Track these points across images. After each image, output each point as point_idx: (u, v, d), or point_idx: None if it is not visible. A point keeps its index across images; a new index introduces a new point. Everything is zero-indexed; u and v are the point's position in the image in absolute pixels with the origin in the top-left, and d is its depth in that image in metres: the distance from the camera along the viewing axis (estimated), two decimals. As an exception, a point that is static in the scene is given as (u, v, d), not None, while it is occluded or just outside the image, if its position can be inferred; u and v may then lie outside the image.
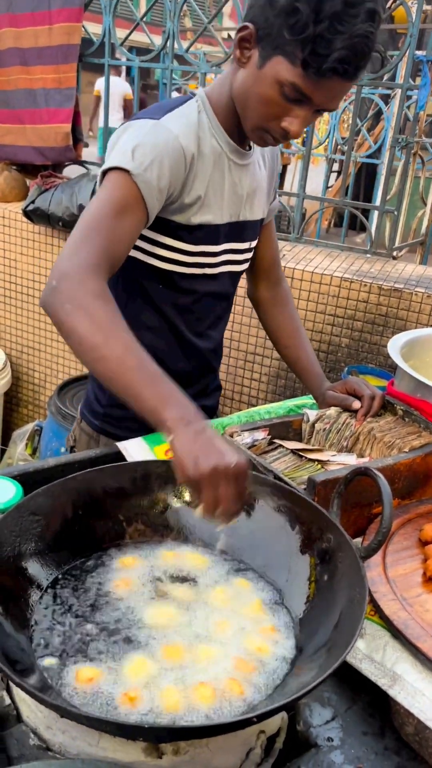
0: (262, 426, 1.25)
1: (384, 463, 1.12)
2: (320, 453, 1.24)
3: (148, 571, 0.92)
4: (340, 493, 0.95)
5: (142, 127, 1.12)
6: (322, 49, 0.97)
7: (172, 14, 2.15)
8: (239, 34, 1.07)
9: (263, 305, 1.55)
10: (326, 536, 0.90)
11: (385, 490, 0.85)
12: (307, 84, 1.02)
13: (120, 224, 1.05)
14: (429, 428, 1.26)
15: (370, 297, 1.97)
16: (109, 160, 1.10)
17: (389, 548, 1.04)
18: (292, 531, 0.94)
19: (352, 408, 1.30)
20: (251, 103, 1.10)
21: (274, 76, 1.03)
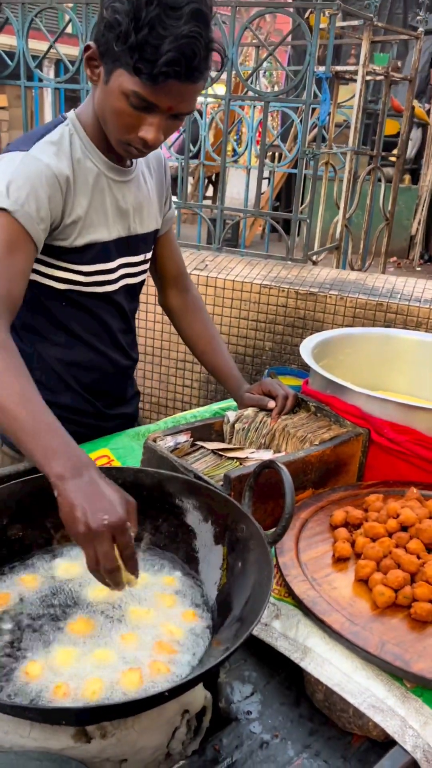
0: (185, 429, 1.32)
1: (296, 456, 1.20)
2: (240, 451, 1.31)
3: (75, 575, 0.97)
4: (251, 486, 1.03)
5: (13, 161, 1.14)
6: (149, 54, 1.00)
7: (84, 36, 2.20)
8: (85, 53, 1.11)
9: (175, 313, 1.60)
10: (240, 527, 0.97)
11: (286, 481, 0.93)
12: (147, 91, 1.05)
13: (12, 263, 1.08)
14: (339, 422, 1.35)
15: (288, 302, 2.07)
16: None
17: (303, 534, 1.12)
18: (207, 524, 1.02)
19: (268, 407, 1.38)
20: (107, 117, 1.13)
21: (118, 88, 1.07)
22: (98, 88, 1.13)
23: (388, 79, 2.65)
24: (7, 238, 1.09)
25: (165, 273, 1.57)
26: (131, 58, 1.02)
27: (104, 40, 1.05)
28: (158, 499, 1.06)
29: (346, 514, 1.14)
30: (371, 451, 1.33)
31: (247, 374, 2.25)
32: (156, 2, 0.98)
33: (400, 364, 1.73)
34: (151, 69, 1.01)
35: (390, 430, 1.30)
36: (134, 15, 0.99)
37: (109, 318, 1.38)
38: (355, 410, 1.35)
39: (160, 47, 0.99)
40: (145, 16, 0.98)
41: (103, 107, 1.13)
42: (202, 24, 1.01)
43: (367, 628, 0.91)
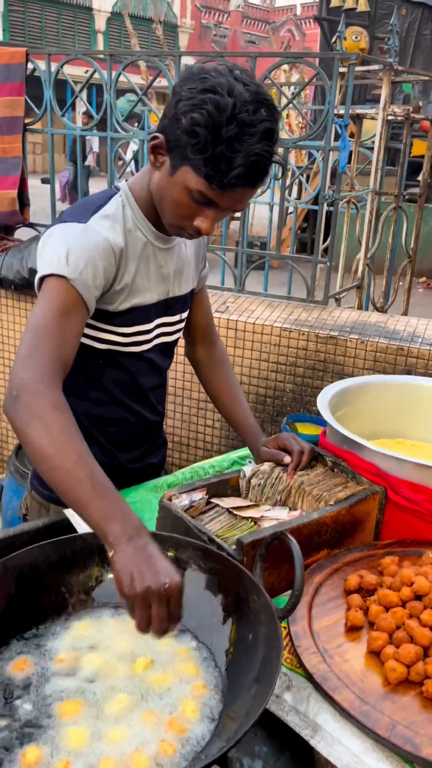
0: (200, 486, 1.33)
1: (310, 518, 1.20)
2: (255, 509, 1.32)
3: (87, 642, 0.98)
4: (262, 555, 1.03)
5: (72, 231, 1.20)
6: (223, 166, 1.07)
7: (108, 86, 2.27)
8: (152, 142, 1.17)
9: (200, 366, 1.64)
10: (251, 597, 0.98)
11: (296, 554, 0.94)
12: (212, 193, 1.12)
13: (66, 327, 1.13)
14: (355, 479, 1.35)
15: (308, 345, 2.08)
16: (43, 266, 1.17)
17: (316, 600, 1.12)
18: (220, 593, 1.02)
19: (284, 463, 1.39)
20: (166, 203, 1.20)
21: (182, 183, 1.13)
22: (160, 174, 1.19)
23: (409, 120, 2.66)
24: (64, 304, 1.15)
25: (195, 327, 1.61)
26: (204, 166, 1.08)
27: (175, 137, 1.11)
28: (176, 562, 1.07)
29: (360, 579, 1.14)
30: (388, 509, 1.33)
31: (267, 415, 2.26)
32: (235, 122, 1.05)
33: (420, 412, 1.72)
34: (222, 179, 1.08)
35: (406, 489, 1.29)
36: (214, 131, 1.05)
37: (142, 376, 1.43)
38: (372, 467, 1.35)
39: (233, 161, 1.06)
40: (225, 133, 1.05)
41: (163, 194, 1.19)
42: (271, 142, 1.10)
43: (378, 707, 0.90)
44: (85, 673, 0.93)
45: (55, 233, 1.22)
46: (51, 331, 1.10)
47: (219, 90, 1.05)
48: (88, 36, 20.37)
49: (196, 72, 1.11)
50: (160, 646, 0.98)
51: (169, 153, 1.14)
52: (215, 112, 1.04)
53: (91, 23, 20.68)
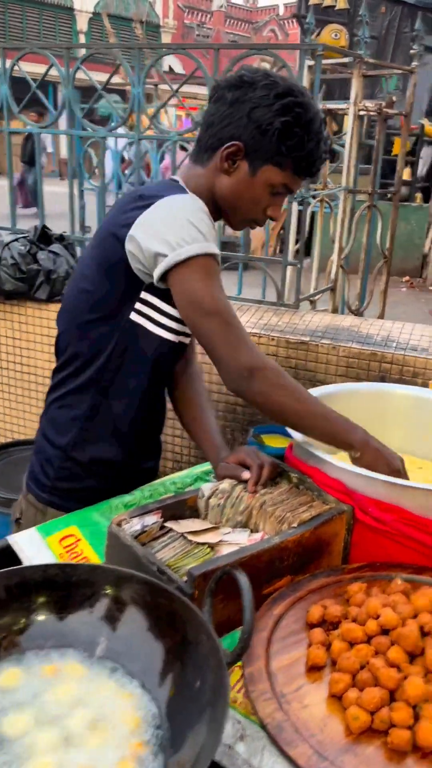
0: (154, 508, 1.23)
1: (271, 543, 1.11)
2: (214, 532, 1.22)
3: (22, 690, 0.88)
4: (212, 590, 0.93)
5: (188, 203, 1.26)
6: (311, 159, 1.27)
7: (66, 81, 2.16)
8: (227, 150, 1.27)
9: (174, 378, 1.56)
10: (200, 638, 0.88)
11: (245, 594, 0.84)
12: (294, 183, 1.30)
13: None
14: (322, 497, 1.26)
15: (278, 351, 1.98)
16: (180, 243, 1.20)
17: (275, 635, 1.02)
18: (167, 634, 0.92)
19: (242, 479, 1.30)
20: (243, 203, 1.32)
21: (265, 181, 1.28)
22: (232, 179, 1.29)
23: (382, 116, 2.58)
24: (220, 281, 1.25)
25: None
26: (296, 161, 1.26)
27: (258, 142, 1.25)
28: (115, 600, 0.97)
29: (323, 611, 1.04)
30: (357, 530, 1.24)
31: (238, 424, 2.17)
32: (315, 116, 1.25)
33: (393, 420, 1.63)
34: (310, 168, 1.29)
35: (375, 509, 1.20)
36: (307, 129, 1.24)
37: (168, 371, 1.48)
38: (338, 485, 1.25)
39: (317, 153, 1.27)
40: (314, 129, 1.25)
41: (240, 195, 1.30)
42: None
43: (338, 762, 0.81)
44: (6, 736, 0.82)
45: (165, 207, 1.24)
46: (232, 310, 1.24)
47: (294, 92, 1.23)
48: (70, 36, 20.15)
49: (248, 79, 1.24)
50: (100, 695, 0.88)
51: (247, 158, 1.27)
52: (303, 112, 1.23)
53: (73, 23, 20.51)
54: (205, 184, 1.32)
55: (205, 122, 1.31)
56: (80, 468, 1.44)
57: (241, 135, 1.25)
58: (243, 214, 1.34)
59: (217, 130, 1.28)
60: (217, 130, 1.28)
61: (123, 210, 1.30)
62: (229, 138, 1.26)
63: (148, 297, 1.33)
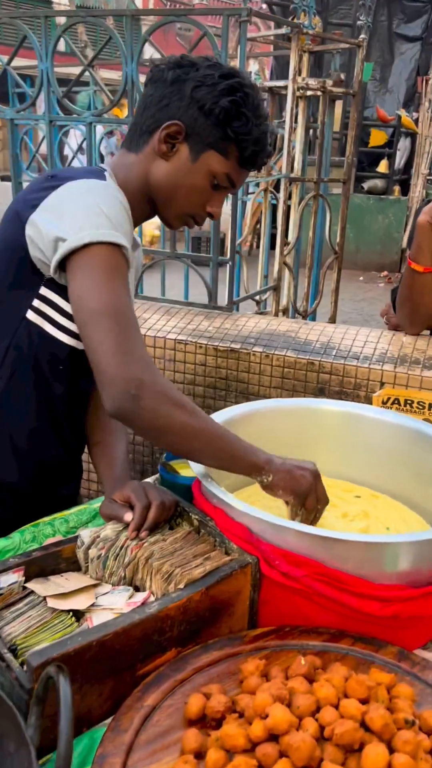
0: (15, 565, 1.00)
1: (144, 614, 0.89)
2: (86, 594, 1.00)
3: None
4: (40, 697, 0.71)
5: (100, 190, 1.11)
6: (259, 147, 1.15)
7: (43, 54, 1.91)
8: (166, 130, 1.13)
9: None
10: (22, 764, 0.67)
11: (63, 715, 0.62)
12: (237, 173, 1.18)
13: (128, 297, 1.07)
14: (224, 544, 1.04)
15: (207, 359, 1.77)
16: (81, 229, 1.04)
17: (141, 737, 0.81)
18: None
19: (123, 521, 1.08)
20: (181, 192, 1.17)
21: (206, 169, 1.15)
22: (170, 164, 1.16)
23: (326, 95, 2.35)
24: (121, 274, 1.06)
25: None
26: (241, 148, 1.14)
27: (197, 124, 1.12)
28: None
29: (204, 702, 0.83)
30: (265, 586, 1.02)
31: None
32: (264, 108, 1.20)
33: (326, 442, 1.42)
34: (255, 158, 1.17)
35: (283, 561, 0.99)
36: (255, 111, 1.14)
37: (88, 382, 1.26)
38: (242, 531, 1.04)
39: (264, 141, 1.16)
40: (262, 113, 1.16)
41: (176, 182, 1.16)
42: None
43: None
44: None
45: (74, 189, 1.10)
46: (130, 315, 1.05)
47: (241, 74, 1.15)
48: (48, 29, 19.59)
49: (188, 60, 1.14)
50: None
51: (188, 140, 1.14)
52: (251, 93, 1.13)
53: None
54: (138, 172, 1.19)
55: (141, 105, 1.18)
56: None
57: (182, 116, 1.13)
58: (180, 207, 1.20)
59: (155, 111, 1.15)
60: (154, 111, 1.15)
61: (33, 189, 1.15)
62: (168, 119, 1.13)
63: (47, 293, 1.16)
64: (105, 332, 0.99)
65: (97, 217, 1.05)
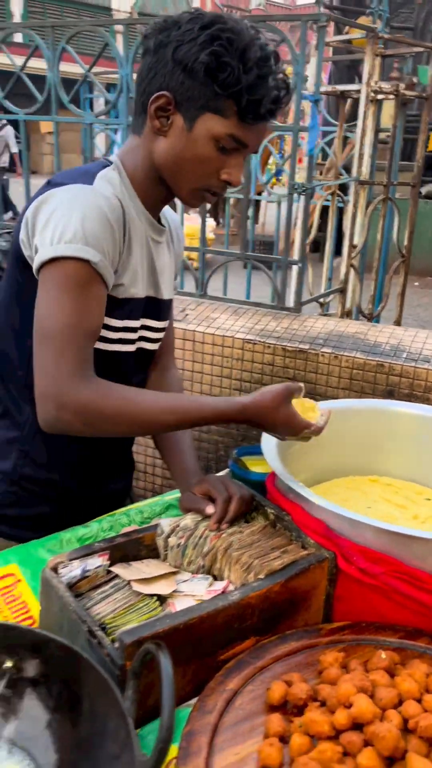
0: (100, 549, 1.05)
1: (227, 601, 0.91)
2: (167, 580, 1.03)
3: None
4: (136, 672, 0.75)
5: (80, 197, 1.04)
6: (257, 95, 1.00)
7: (51, 64, 1.99)
8: (155, 104, 1.05)
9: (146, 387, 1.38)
10: (119, 734, 0.70)
11: (165, 688, 0.65)
12: (244, 132, 1.04)
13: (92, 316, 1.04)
14: (300, 539, 1.06)
15: (275, 359, 1.79)
16: (51, 242, 1.00)
17: (225, 719, 0.83)
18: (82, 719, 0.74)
19: (205, 513, 1.11)
20: (186, 166, 1.08)
21: (207, 134, 1.04)
22: (168, 139, 1.07)
23: (398, 98, 2.34)
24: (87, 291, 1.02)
25: None
26: (236, 100, 1.01)
27: (184, 87, 1.02)
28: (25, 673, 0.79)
29: (286, 689, 0.85)
30: (341, 581, 1.04)
31: (232, 439, 1.97)
32: (253, 45, 1.00)
33: (398, 443, 1.43)
34: (256, 110, 1.02)
35: (362, 558, 1.00)
36: (241, 58, 0.99)
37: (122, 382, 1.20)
38: (319, 526, 1.05)
39: (264, 88, 1.01)
40: (252, 58, 0.99)
41: (178, 156, 1.07)
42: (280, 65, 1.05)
43: None
44: None
45: (56, 198, 1.04)
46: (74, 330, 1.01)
47: (222, 21, 1.01)
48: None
49: (172, 20, 1.04)
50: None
51: (180, 109, 1.04)
52: (235, 38, 0.99)
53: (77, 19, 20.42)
54: (143, 155, 1.11)
55: (136, 82, 1.10)
56: (28, 492, 1.26)
57: (169, 83, 1.03)
58: (190, 182, 1.10)
59: (145, 85, 1.07)
60: (144, 86, 1.07)
61: (34, 197, 1.12)
62: (156, 90, 1.04)
63: None
64: (43, 353, 1.00)
65: (69, 230, 1.00)
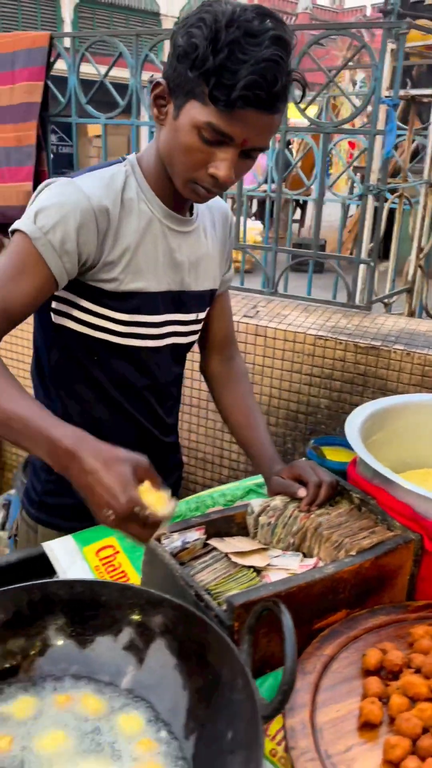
0: (197, 524, 1.12)
1: (323, 573, 0.97)
2: (262, 554, 1.10)
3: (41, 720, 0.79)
4: (252, 627, 0.82)
5: (55, 187, 1.08)
6: (227, 79, 0.93)
7: (134, 71, 2.09)
8: (153, 91, 1.04)
9: (214, 381, 1.44)
10: (236, 683, 0.77)
11: (288, 636, 0.72)
12: (222, 120, 0.96)
13: (16, 286, 1.04)
14: (386, 522, 1.11)
15: (346, 355, 1.84)
16: (19, 220, 1.07)
17: (324, 680, 0.89)
18: (198, 672, 0.81)
19: (297, 496, 1.17)
20: (175, 156, 1.05)
21: (189, 122, 0.99)
22: (165, 128, 1.06)
23: (471, 104, 2.38)
24: (20, 261, 1.04)
25: (211, 337, 1.42)
26: (207, 84, 0.94)
27: (176, 73, 0.99)
28: (145, 626, 0.87)
29: (381, 656, 0.91)
30: (426, 563, 1.09)
31: (300, 433, 2.03)
32: (236, 25, 0.92)
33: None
34: (228, 94, 0.93)
35: (447, 540, 1.05)
36: (213, 37, 0.93)
37: (147, 381, 1.26)
38: (406, 510, 1.11)
39: (239, 71, 0.92)
40: (225, 38, 0.92)
41: (171, 145, 1.05)
42: (283, 51, 0.95)
43: None
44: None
45: (41, 189, 1.10)
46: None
47: (210, 5, 0.96)
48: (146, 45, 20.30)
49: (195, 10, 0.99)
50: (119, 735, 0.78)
51: (172, 96, 1.01)
52: (213, 21, 0.93)
53: (159, 28, 20.70)
54: (155, 146, 1.12)
55: None
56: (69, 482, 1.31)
57: (167, 70, 1.02)
58: (178, 172, 1.06)
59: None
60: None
61: None
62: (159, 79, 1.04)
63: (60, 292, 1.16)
64: None
65: (29, 211, 1.06)
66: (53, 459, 0.87)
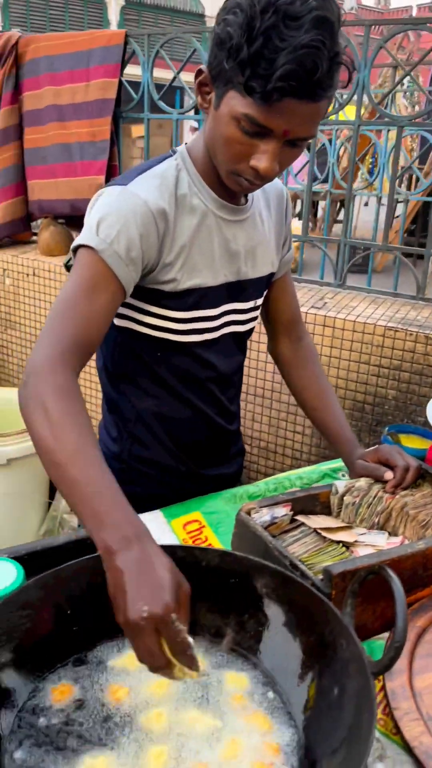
0: (284, 500, 1.16)
1: (415, 548, 1.00)
2: (348, 531, 1.13)
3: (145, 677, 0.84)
4: (355, 591, 0.85)
5: (110, 196, 1.06)
6: (263, 69, 0.87)
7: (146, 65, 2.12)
8: (196, 79, 1.01)
9: (284, 364, 1.45)
10: (339, 642, 0.80)
11: (398, 597, 0.75)
12: (260, 112, 0.92)
13: (91, 305, 1.00)
14: (470, 503, 1.13)
15: (416, 347, 1.85)
16: (79, 235, 1.05)
17: (419, 649, 0.92)
18: (301, 633, 0.85)
19: (384, 479, 1.19)
20: (218, 146, 1.02)
21: (228, 113, 0.95)
22: (209, 117, 1.03)
23: None
24: (91, 278, 1.01)
25: (277, 319, 1.43)
26: (243, 74, 0.90)
27: (216, 61, 0.95)
28: (246, 590, 0.91)
29: (474, 629, 0.93)
30: None
31: (366, 424, 2.05)
32: (273, 10, 0.86)
33: None
34: (264, 85, 0.88)
35: None
36: (248, 25, 0.87)
37: (208, 371, 1.26)
38: None
39: (275, 60, 0.86)
40: (260, 25, 0.86)
41: (213, 136, 1.02)
42: (326, 33, 0.87)
43: None
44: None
45: (95, 199, 1.08)
46: (74, 307, 0.98)
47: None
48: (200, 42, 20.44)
49: None
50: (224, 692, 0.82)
51: (214, 83, 0.98)
52: (249, 6, 0.87)
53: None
54: (201, 138, 1.10)
55: None
56: (136, 472, 1.34)
57: (209, 58, 0.98)
58: (221, 163, 1.04)
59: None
60: None
61: None
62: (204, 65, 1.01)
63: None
64: (45, 323, 0.98)
65: (88, 224, 1.04)
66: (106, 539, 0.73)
